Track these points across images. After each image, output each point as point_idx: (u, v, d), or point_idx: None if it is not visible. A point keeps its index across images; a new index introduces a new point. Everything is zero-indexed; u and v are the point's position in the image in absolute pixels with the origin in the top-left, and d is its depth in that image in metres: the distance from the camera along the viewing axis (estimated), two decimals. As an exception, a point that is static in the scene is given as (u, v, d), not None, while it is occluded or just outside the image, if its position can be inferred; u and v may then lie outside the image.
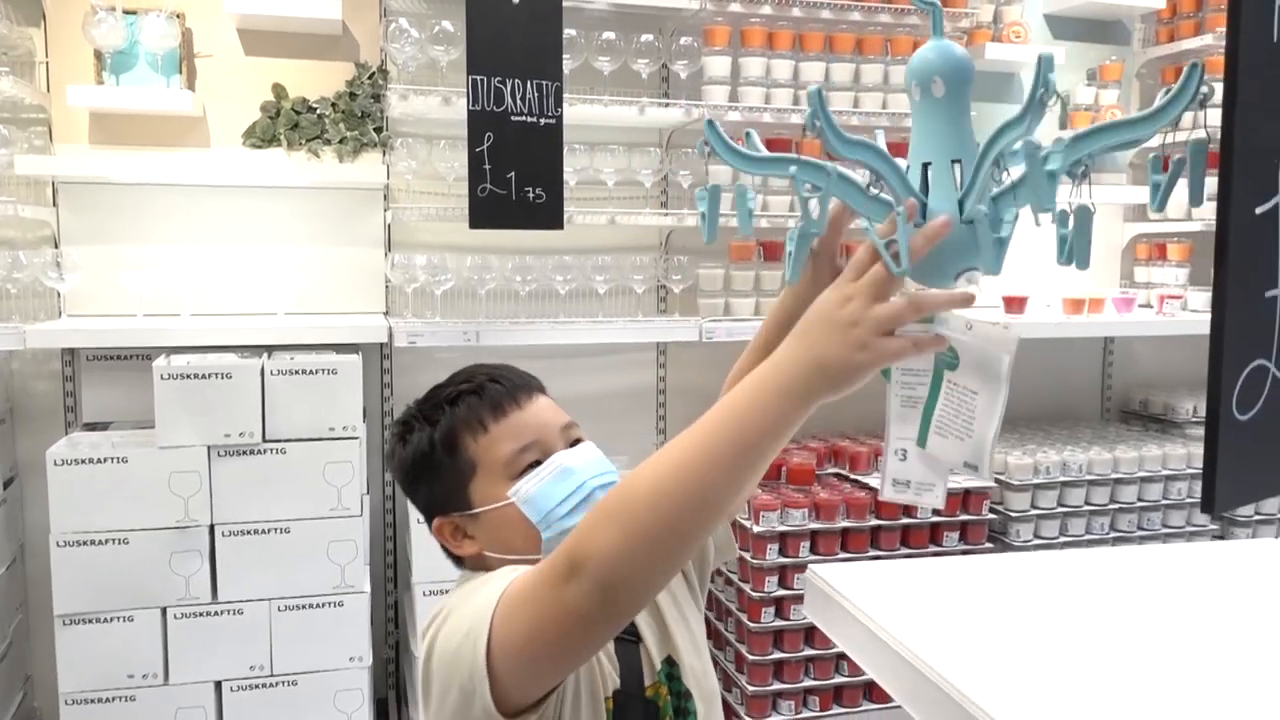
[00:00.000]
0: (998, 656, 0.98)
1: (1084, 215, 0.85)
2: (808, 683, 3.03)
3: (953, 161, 0.94)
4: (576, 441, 1.23)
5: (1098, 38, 3.81)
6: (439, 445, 1.20)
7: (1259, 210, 0.73)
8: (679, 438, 0.92)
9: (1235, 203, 0.71)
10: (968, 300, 0.91)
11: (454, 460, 1.19)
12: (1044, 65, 0.81)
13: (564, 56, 2.83)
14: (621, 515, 0.90)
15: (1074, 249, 0.85)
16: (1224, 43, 2.59)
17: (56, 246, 2.92)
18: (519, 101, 2.75)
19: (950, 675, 0.92)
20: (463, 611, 1.03)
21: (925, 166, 0.96)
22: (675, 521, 0.89)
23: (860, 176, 0.99)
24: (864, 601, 1.11)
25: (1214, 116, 0.74)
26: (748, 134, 1.06)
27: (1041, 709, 0.86)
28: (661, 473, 0.90)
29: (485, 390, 1.21)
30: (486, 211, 2.74)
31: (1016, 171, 0.90)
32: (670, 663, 1.23)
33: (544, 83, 2.77)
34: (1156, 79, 3.80)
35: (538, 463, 1.18)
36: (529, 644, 0.95)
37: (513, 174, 2.75)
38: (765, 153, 0.95)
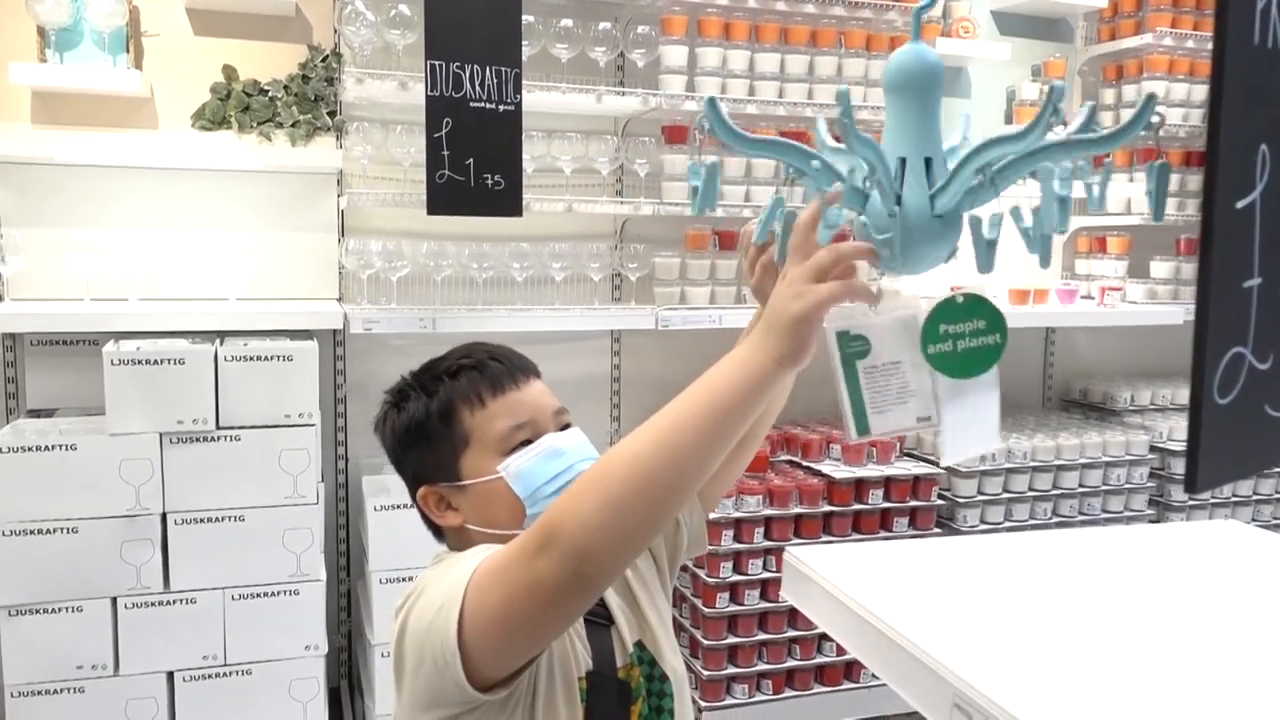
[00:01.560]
0: (973, 631, 1.02)
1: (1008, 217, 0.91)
2: (761, 666, 3.08)
3: (924, 159, 0.97)
4: (566, 426, 1.25)
5: (1042, 35, 3.90)
6: (435, 415, 1.22)
7: (1239, 205, 0.77)
8: (654, 416, 0.96)
9: (1219, 198, 0.74)
10: (871, 251, 0.96)
11: (449, 431, 1.21)
12: (1055, 95, 0.84)
13: (522, 43, 2.82)
14: (595, 488, 0.93)
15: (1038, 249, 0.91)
16: (1162, 42, 2.66)
17: (-3, 228, 2.84)
18: (478, 87, 2.73)
19: (933, 650, 0.95)
20: (436, 588, 1.04)
21: (901, 162, 0.99)
22: (648, 492, 0.92)
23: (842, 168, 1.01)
24: (843, 582, 1.14)
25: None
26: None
27: (1022, 682, 0.90)
28: (635, 447, 0.94)
29: (486, 367, 1.24)
30: (445, 198, 2.73)
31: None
32: (642, 646, 1.25)
33: (503, 69, 2.76)
34: (1098, 76, 3.90)
35: (529, 441, 1.20)
36: (501, 618, 0.98)
37: (471, 160, 2.74)
38: (765, 136, 0.96)
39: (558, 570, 0.93)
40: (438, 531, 1.27)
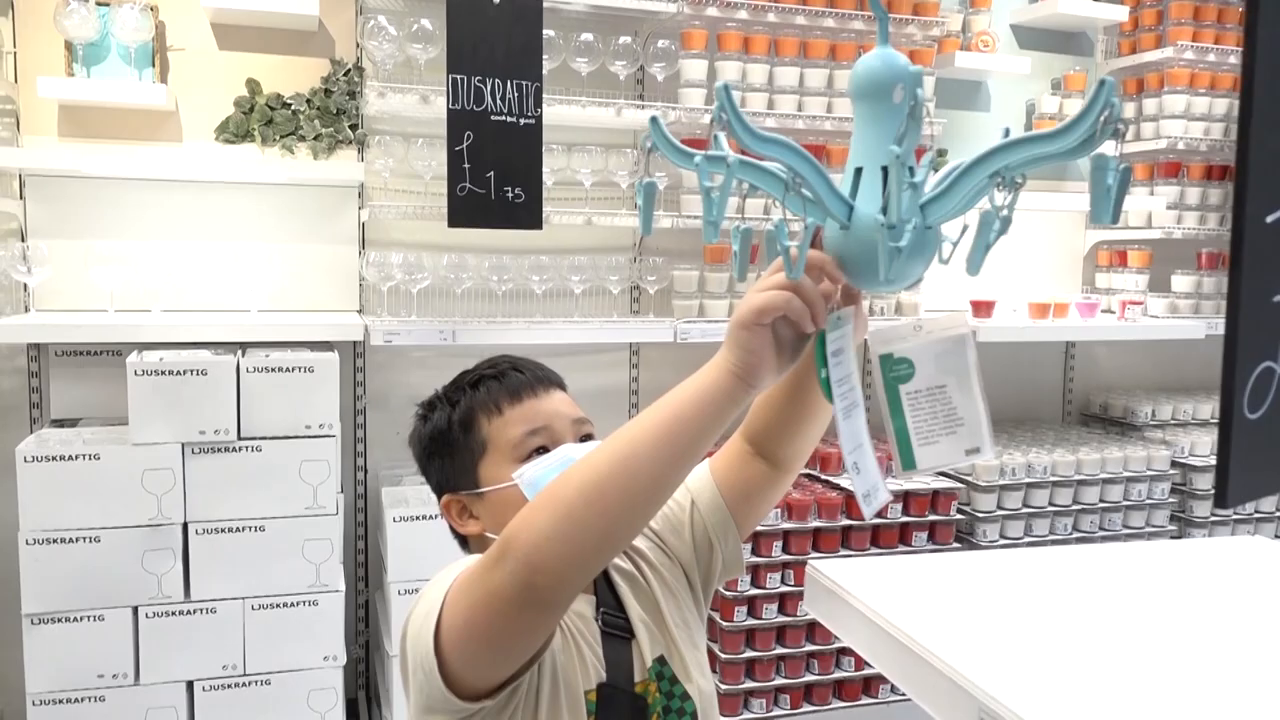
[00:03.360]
0: (997, 646, 1.02)
1: (989, 220, 0.86)
2: (779, 681, 3.06)
3: (881, 168, 0.92)
4: (587, 437, 1.25)
5: (1062, 48, 3.90)
6: (456, 424, 1.24)
7: (1269, 219, 0.76)
8: (617, 430, 0.96)
9: (1249, 212, 0.74)
10: (827, 262, 0.93)
11: (468, 439, 1.23)
12: (1107, 89, 0.78)
13: (543, 57, 2.83)
14: (551, 501, 0.94)
15: (972, 252, 0.87)
16: (1183, 55, 2.65)
17: (23, 239, 2.87)
18: (499, 101, 2.75)
19: (958, 665, 0.95)
20: (430, 595, 1.06)
21: (858, 171, 0.94)
22: (601, 505, 0.91)
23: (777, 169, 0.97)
24: (867, 596, 1.13)
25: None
26: (715, 137, 1.02)
27: (1047, 697, 0.89)
28: (593, 460, 0.94)
29: (506, 376, 1.25)
30: (466, 210, 2.74)
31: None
32: (663, 662, 1.24)
33: (524, 83, 2.78)
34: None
35: (544, 449, 1.21)
36: (466, 629, 0.98)
37: (492, 173, 2.76)
38: (775, 135, 0.92)
39: (510, 581, 0.93)
40: (463, 542, 1.28)
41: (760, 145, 0.91)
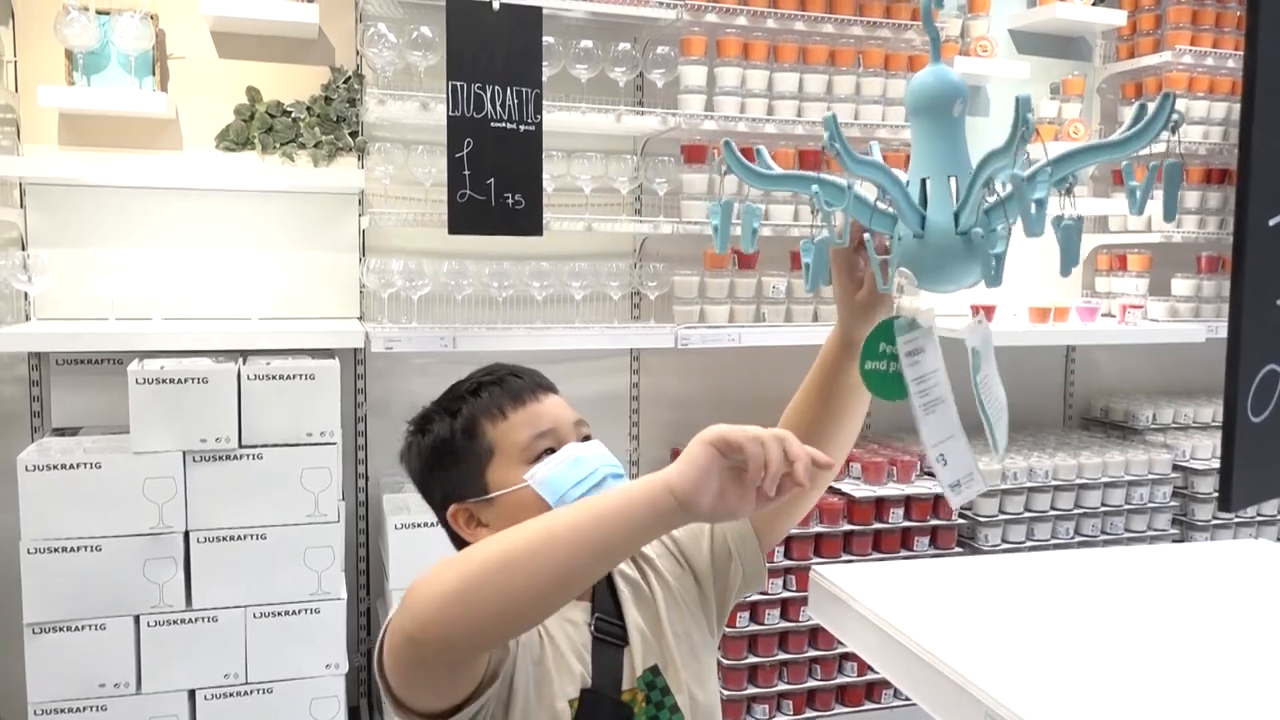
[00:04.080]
0: (1002, 650, 1.02)
1: (1069, 229, 0.90)
2: (781, 687, 3.06)
3: (949, 177, 0.98)
4: (588, 438, 1.26)
5: (1060, 53, 3.90)
6: (459, 432, 1.24)
7: (1271, 222, 0.76)
8: (548, 514, 0.97)
9: (1251, 215, 0.74)
10: (821, 462, 0.92)
11: (473, 445, 1.23)
12: (1022, 106, 0.86)
13: (543, 64, 2.84)
14: (458, 562, 0.95)
15: (1062, 259, 0.90)
16: (1181, 60, 2.66)
17: (24, 248, 2.87)
18: (499, 108, 2.75)
19: (964, 669, 0.95)
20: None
21: (924, 182, 0.99)
22: (504, 585, 0.92)
23: (866, 191, 1.02)
24: (871, 600, 1.13)
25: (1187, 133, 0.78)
26: (758, 150, 1.08)
27: (1053, 702, 0.89)
28: (511, 534, 0.94)
29: (506, 382, 1.26)
30: (466, 217, 2.75)
31: (1002, 190, 0.97)
32: (655, 672, 1.23)
33: (524, 90, 2.78)
34: (1117, 94, 3.90)
35: (551, 450, 1.22)
36: (388, 657, 1.02)
37: (492, 180, 2.76)
38: (779, 170, 0.98)
39: (402, 627, 0.96)
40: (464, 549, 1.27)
41: (861, 169, 0.98)
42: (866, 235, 1.04)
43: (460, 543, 1.27)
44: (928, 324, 1.02)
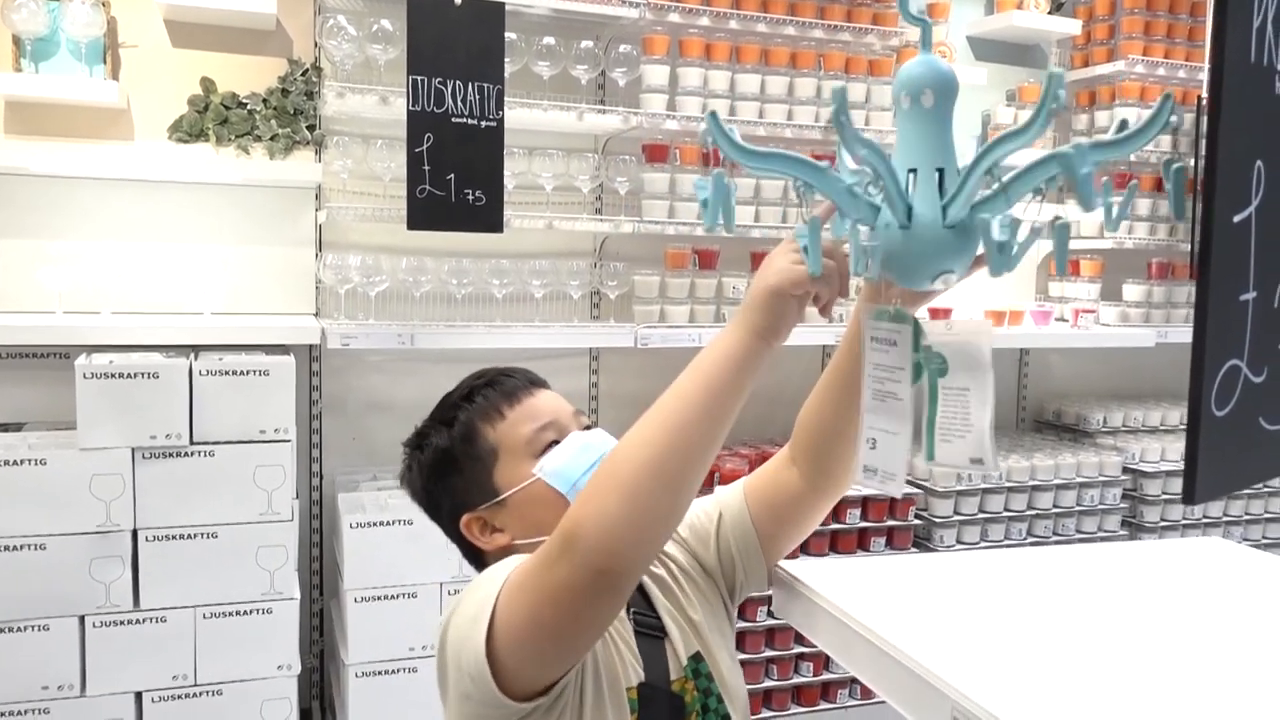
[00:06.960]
0: (967, 646, 1.02)
1: (1061, 229, 0.91)
2: (768, 684, 3.08)
3: (936, 169, 0.98)
4: (588, 428, 1.26)
5: (1016, 60, 3.96)
6: (459, 440, 1.23)
7: (1236, 219, 0.77)
8: (650, 409, 0.99)
9: (1217, 212, 0.75)
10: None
11: (475, 451, 1.22)
12: (1054, 82, 0.84)
13: (505, 60, 2.82)
14: (610, 483, 0.95)
15: (1056, 258, 0.91)
16: (1134, 69, 2.71)
17: (-33, 239, 2.79)
18: (460, 103, 2.73)
19: (929, 664, 0.95)
20: (472, 598, 1.05)
21: (910, 173, 0.99)
22: (665, 478, 0.95)
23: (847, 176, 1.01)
24: (835, 596, 1.13)
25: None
26: (730, 131, 1.07)
27: (1019, 696, 0.90)
28: (643, 436, 0.97)
29: (498, 382, 1.26)
30: (425, 213, 2.72)
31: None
32: (698, 659, 1.23)
33: (485, 85, 2.76)
34: (1071, 102, 3.96)
35: (555, 442, 1.21)
36: (528, 627, 0.98)
37: (452, 176, 2.73)
38: (767, 150, 0.96)
39: (581, 572, 0.94)
40: (477, 559, 1.25)
41: (860, 148, 0.97)
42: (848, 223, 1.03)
43: (474, 553, 1.25)
44: (910, 321, 1.00)
